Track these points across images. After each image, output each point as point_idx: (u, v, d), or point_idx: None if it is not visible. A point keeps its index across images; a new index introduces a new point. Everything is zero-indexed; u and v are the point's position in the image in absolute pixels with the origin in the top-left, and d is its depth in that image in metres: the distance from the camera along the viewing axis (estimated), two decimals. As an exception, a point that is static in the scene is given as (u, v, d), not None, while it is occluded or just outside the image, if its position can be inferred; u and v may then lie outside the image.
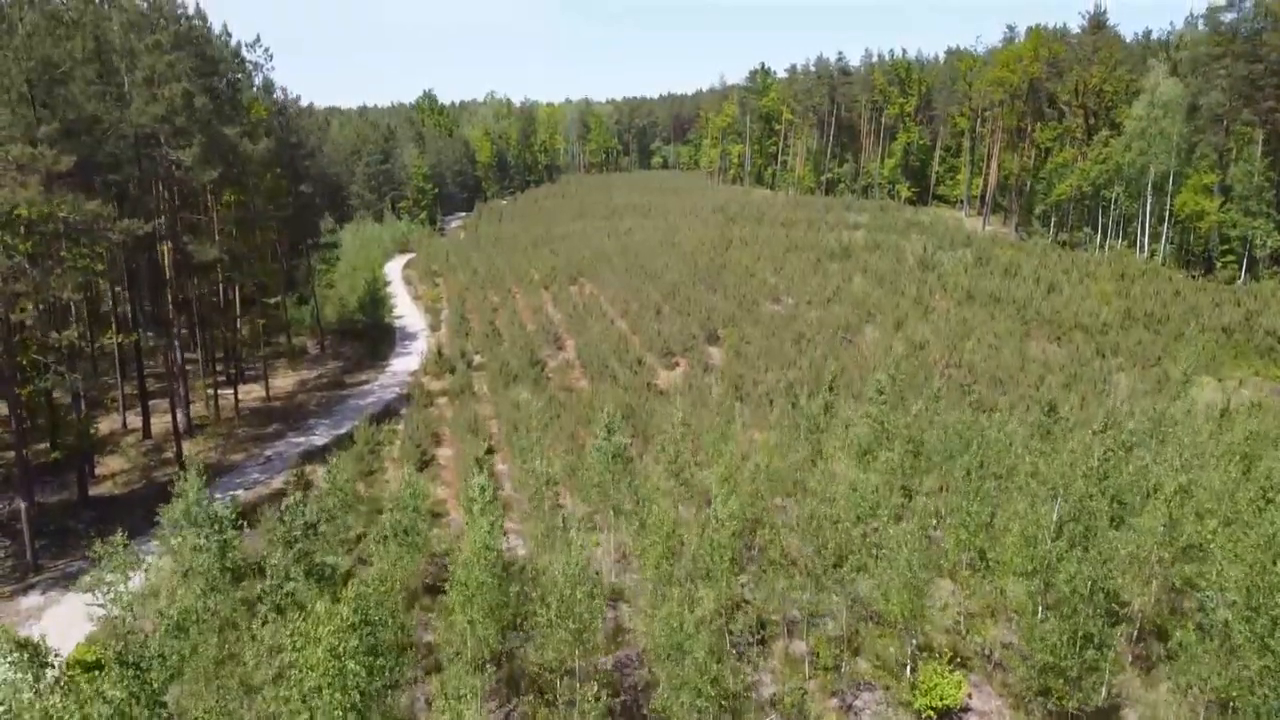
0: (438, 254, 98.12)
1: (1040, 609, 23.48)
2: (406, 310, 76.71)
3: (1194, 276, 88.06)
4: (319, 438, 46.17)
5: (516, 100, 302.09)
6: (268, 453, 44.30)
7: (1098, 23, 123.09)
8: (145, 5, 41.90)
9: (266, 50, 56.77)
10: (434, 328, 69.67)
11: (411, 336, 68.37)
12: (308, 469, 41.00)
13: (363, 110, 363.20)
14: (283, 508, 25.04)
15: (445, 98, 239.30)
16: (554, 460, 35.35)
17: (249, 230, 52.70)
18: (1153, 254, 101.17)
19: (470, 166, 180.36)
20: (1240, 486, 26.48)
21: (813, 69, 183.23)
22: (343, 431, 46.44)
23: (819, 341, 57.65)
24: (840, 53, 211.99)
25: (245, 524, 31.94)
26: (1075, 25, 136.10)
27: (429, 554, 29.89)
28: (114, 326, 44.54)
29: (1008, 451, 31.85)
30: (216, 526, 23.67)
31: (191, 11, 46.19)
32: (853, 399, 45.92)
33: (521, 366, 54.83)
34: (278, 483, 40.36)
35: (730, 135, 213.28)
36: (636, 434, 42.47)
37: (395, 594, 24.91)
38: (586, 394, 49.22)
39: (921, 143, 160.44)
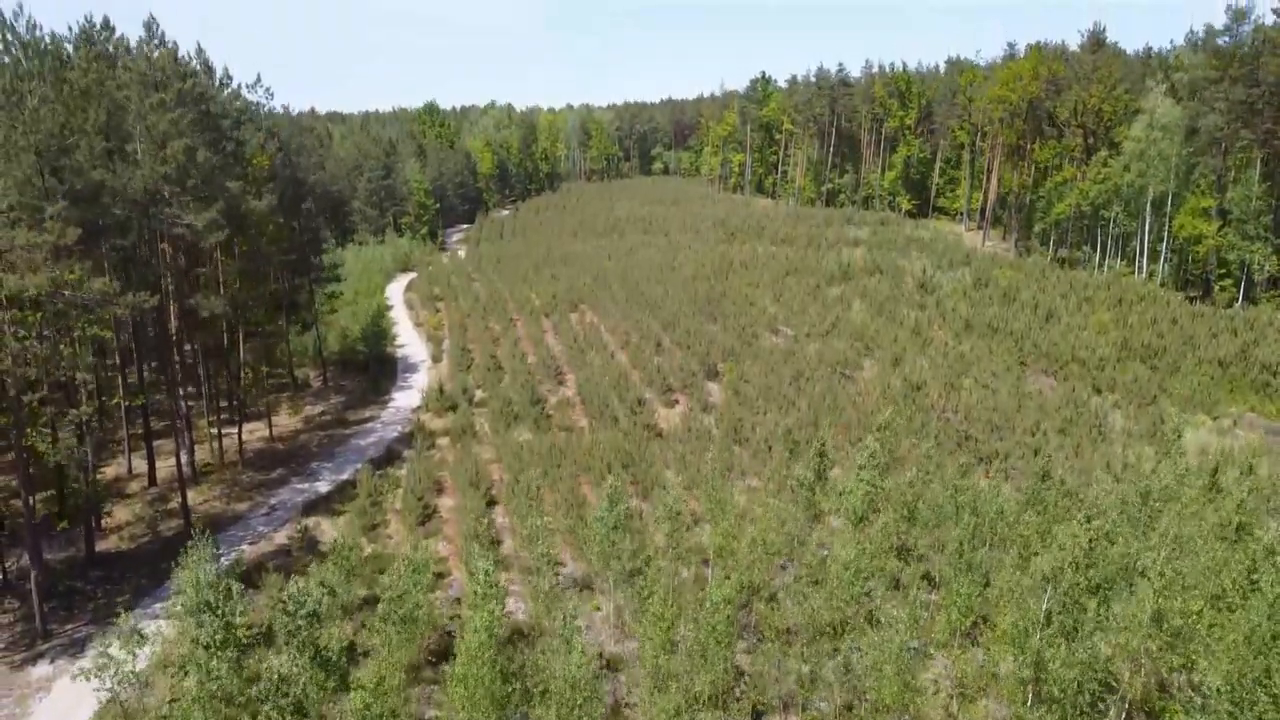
0: (440, 275, 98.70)
1: (1030, 698, 23.99)
2: (408, 338, 77.18)
3: (1191, 299, 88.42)
4: (322, 483, 46.70)
5: (519, 106, 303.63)
6: (271, 501, 44.78)
7: (1097, 41, 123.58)
8: (150, 62, 42.25)
9: (268, 90, 57.21)
10: (436, 358, 70.17)
11: (413, 368, 68.86)
12: (310, 522, 41.54)
13: (365, 117, 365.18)
14: (285, 596, 25.50)
15: (447, 103, 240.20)
16: (554, 521, 35.88)
17: (253, 281, 53.20)
18: (1151, 274, 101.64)
19: (471, 178, 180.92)
20: (1227, 565, 26.94)
21: (813, 79, 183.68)
22: (345, 477, 46.97)
23: (818, 378, 58.13)
24: (840, 63, 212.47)
25: (249, 589, 32.57)
26: (1074, 41, 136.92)
27: (432, 627, 30.41)
28: (121, 389, 45.39)
29: (1000, 519, 32.37)
30: (221, 616, 24.14)
31: (196, 65, 46.77)
32: (849, 445, 46.46)
33: (522, 404, 55.37)
34: (281, 537, 40.84)
35: (731, 144, 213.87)
36: (636, 482, 43.03)
37: (397, 677, 25.45)
38: (587, 438, 49.69)
39: (922, 155, 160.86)
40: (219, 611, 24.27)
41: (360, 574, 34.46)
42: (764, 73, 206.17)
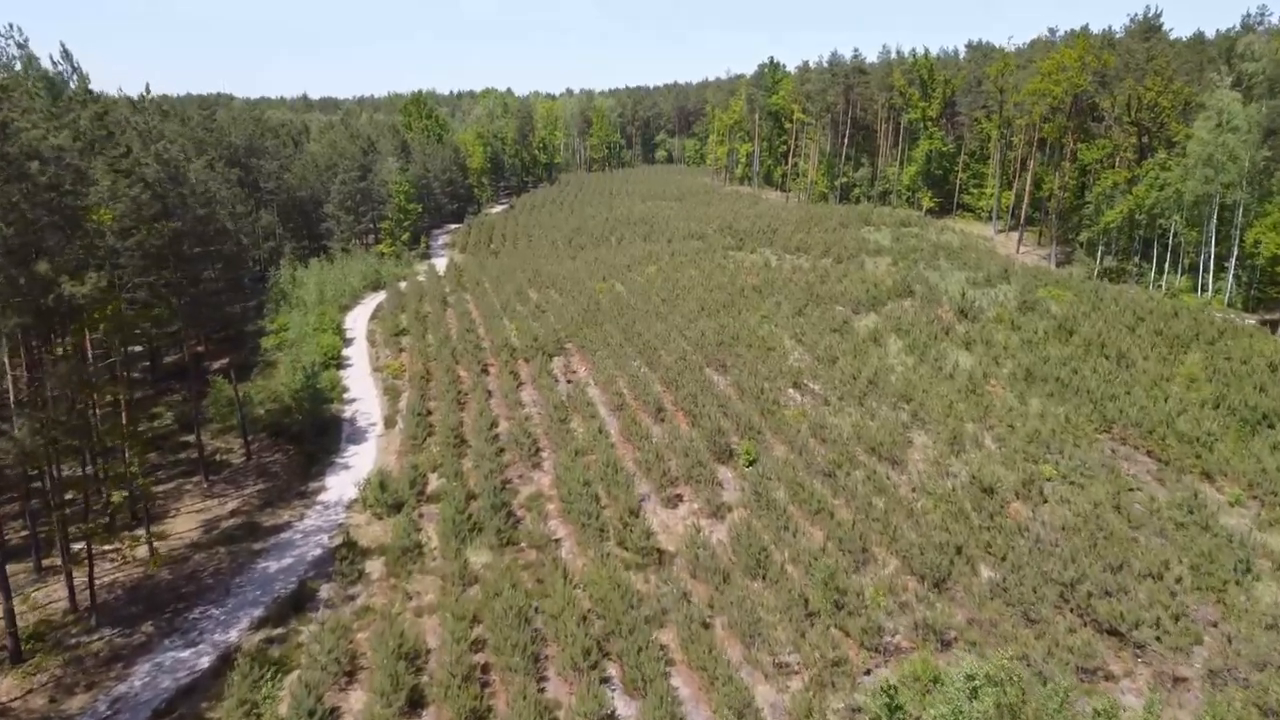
0: (411, 298, 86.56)
1: None
2: (362, 389, 65.03)
3: (1267, 324, 76.88)
4: (204, 650, 34.29)
5: (519, 92, 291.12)
6: (117, 692, 31.77)
7: (1149, 27, 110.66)
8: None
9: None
10: (389, 422, 58.11)
11: (361, 435, 56.90)
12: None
13: (360, 103, 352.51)
14: None
15: (445, 88, 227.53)
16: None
17: (87, 388, 37.54)
18: (1217, 293, 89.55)
19: (461, 175, 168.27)
20: None
21: (826, 66, 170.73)
22: (232, 639, 34.99)
23: (858, 463, 46.28)
24: (856, 49, 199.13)
25: None
26: (1118, 27, 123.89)
27: None
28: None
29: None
30: None
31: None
32: (916, 600, 34.60)
33: (486, 501, 43.58)
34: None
35: (738, 133, 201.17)
36: (623, 665, 31.20)
37: None
38: (564, 570, 37.81)
39: (945, 149, 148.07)
40: None
41: None
42: (773, 58, 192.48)
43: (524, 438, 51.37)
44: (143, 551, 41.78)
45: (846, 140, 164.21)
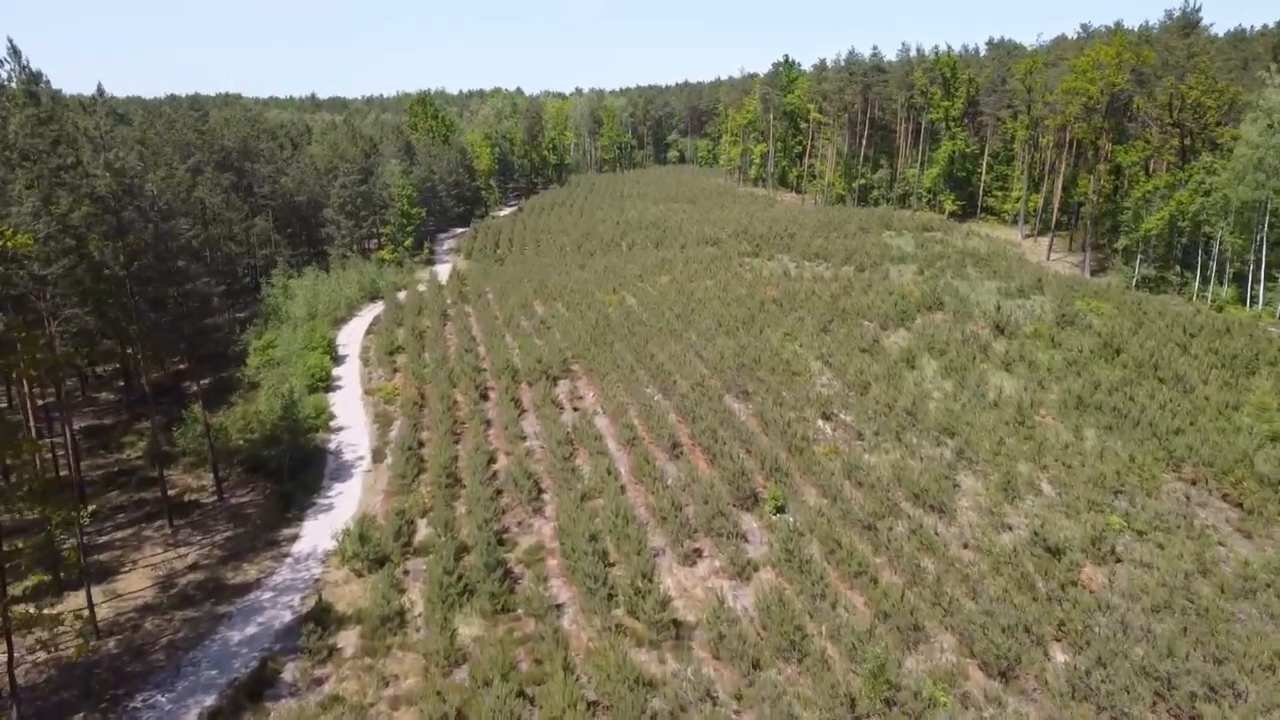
0: (409, 311, 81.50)
1: None
2: (351, 415, 59.86)
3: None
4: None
5: (528, 90, 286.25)
6: None
7: (1188, 22, 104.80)
8: None
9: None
10: (378, 455, 52.93)
11: (346, 470, 51.74)
12: None
13: (369, 103, 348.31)
14: None
15: (454, 87, 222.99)
16: None
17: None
18: (1266, 305, 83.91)
19: (468, 177, 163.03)
20: None
21: (843, 64, 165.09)
22: (180, 738, 29.89)
23: (900, 512, 40.95)
24: (875, 47, 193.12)
25: None
26: (1153, 23, 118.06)
27: None
28: None
29: None
30: None
31: None
32: (985, 699, 29.24)
33: (480, 559, 38.40)
34: None
35: (752, 133, 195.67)
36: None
37: None
38: (565, 640, 32.63)
39: (968, 150, 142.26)
40: None
41: None
42: (788, 56, 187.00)
43: (524, 478, 46.11)
44: (105, 598, 36.57)
45: (865, 141, 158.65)
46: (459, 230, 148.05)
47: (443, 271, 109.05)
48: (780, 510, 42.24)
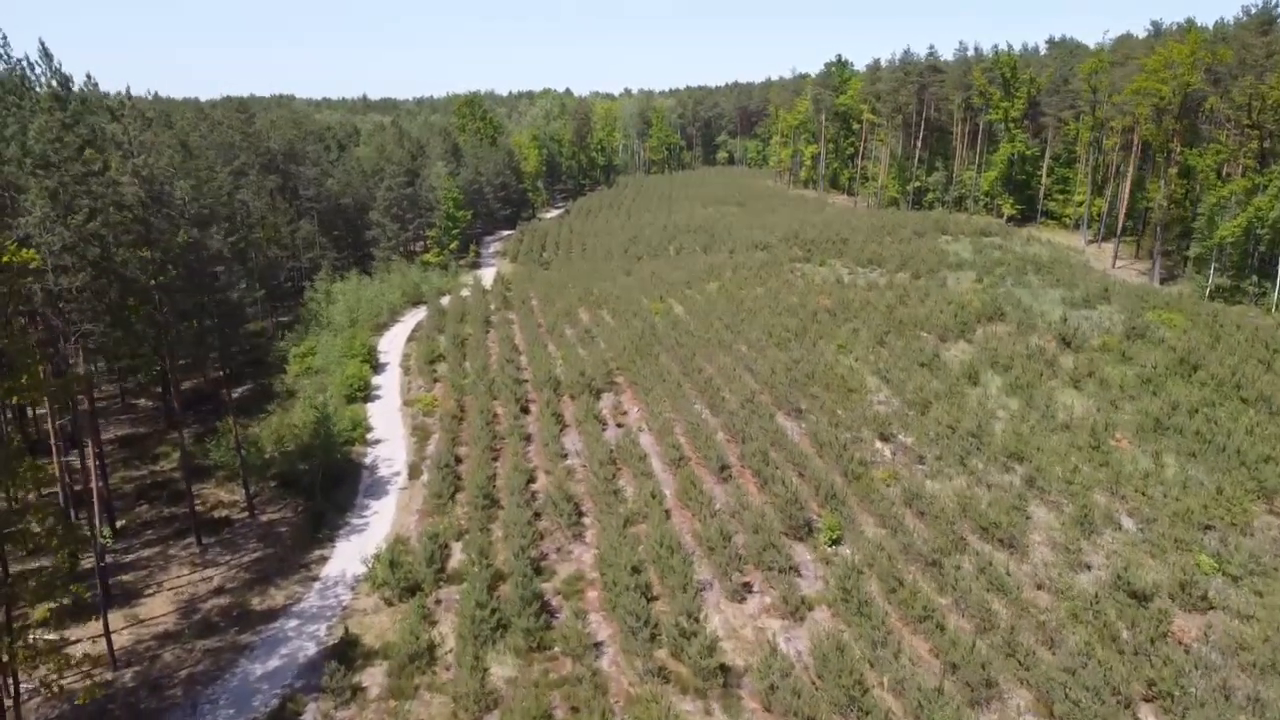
0: (452, 317, 79.81)
1: None
2: (388, 427, 58.07)
3: None
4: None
5: (577, 91, 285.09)
6: None
7: (1267, 19, 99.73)
8: None
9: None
10: (414, 471, 51.03)
11: (382, 486, 49.90)
12: None
13: (419, 104, 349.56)
14: None
15: (504, 89, 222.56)
16: None
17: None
18: (1354, 319, 78.96)
19: (515, 179, 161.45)
20: None
21: (898, 64, 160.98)
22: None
23: (966, 547, 38.02)
24: (931, 46, 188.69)
25: None
26: (1228, 19, 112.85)
27: None
28: None
29: None
30: None
31: None
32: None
33: (516, 590, 36.19)
34: None
35: (803, 134, 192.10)
36: None
37: None
38: (605, 684, 30.27)
39: (1029, 152, 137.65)
40: None
41: None
42: (840, 56, 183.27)
43: (564, 500, 43.83)
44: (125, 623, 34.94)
45: (920, 142, 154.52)
46: (505, 233, 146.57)
47: (488, 275, 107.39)
48: (836, 542, 39.53)
